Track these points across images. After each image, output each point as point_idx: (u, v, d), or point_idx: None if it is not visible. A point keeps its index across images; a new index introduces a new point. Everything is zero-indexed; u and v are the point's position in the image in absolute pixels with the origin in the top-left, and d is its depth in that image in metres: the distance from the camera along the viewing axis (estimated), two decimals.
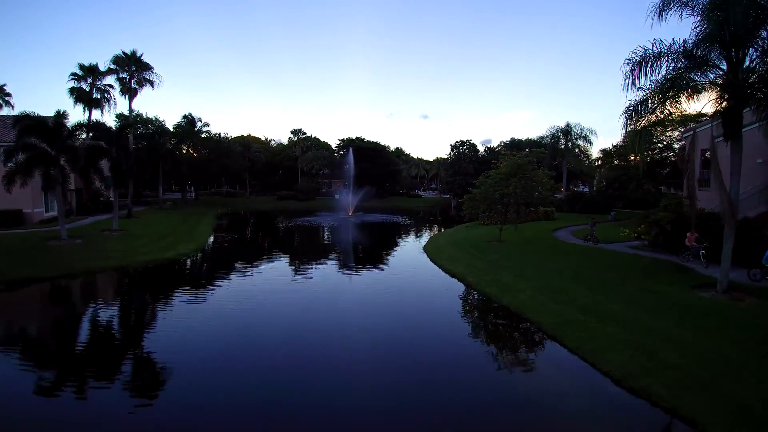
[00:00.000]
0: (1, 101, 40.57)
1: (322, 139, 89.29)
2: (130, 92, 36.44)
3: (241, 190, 79.60)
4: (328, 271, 21.86)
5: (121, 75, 35.87)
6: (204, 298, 15.88)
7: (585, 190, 71.02)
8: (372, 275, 20.59)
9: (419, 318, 13.74)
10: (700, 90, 12.32)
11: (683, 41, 12.68)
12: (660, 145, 38.60)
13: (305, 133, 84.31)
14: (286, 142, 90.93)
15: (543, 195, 23.54)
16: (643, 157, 15.14)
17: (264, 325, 12.94)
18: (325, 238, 35.66)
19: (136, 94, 36.71)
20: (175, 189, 66.32)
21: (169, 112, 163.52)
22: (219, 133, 70.82)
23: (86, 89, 37.64)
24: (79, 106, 37.33)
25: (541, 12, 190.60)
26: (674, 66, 12.85)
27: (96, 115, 38.44)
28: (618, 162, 43.28)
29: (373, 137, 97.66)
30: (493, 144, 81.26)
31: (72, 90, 37.15)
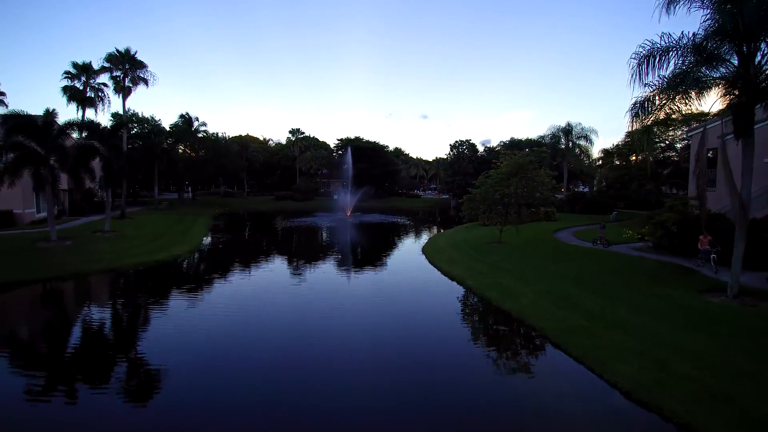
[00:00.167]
0: None
1: (320, 139, 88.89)
2: (123, 91, 35.73)
3: (239, 190, 79.08)
4: (323, 274, 21.19)
5: (114, 73, 35.21)
6: (196, 302, 15.32)
7: (585, 190, 70.62)
8: (367, 279, 19.81)
9: (416, 324, 13.07)
10: (710, 86, 11.79)
11: (693, 35, 12.17)
12: (662, 144, 38.17)
13: (303, 132, 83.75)
14: (284, 142, 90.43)
15: (544, 195, 22.92)
16: (650, 155, 14.48)
17: (254, 331, 12.37)
18: (321, 239, 35.08)
19: (129, 92, 36.05)
20: (173, 189, 65.82)
21: (168, 112, 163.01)
22: (217, 133, 70.62)
23: (80, 88, 37.05)
24: (73, 105, 36.79)
25: (541, 12, 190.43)
26: (682, 61, 12.36)
27: (90, 114, 37.89)
28: (620, 162, 42.76)
29: (373, 137, 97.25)
30: (492, 144, 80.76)
31: (65, 89, 36.50)
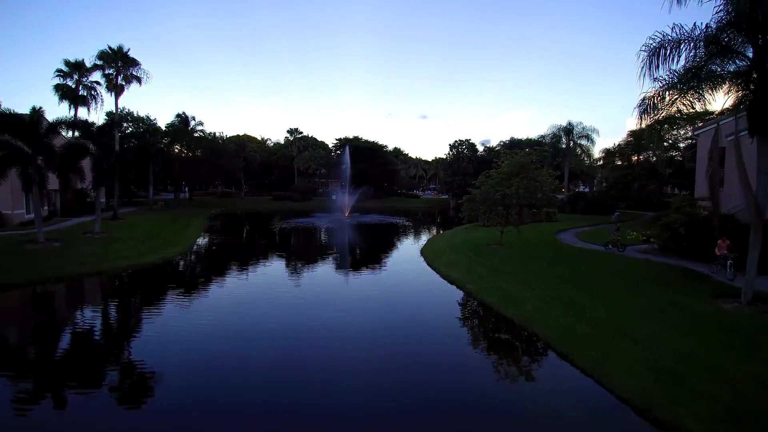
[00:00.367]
0: None
1: (319, 139, 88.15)
2: (116, 89, 34.98)
3: (237, 191, 78.37)
4: (316, 278, 20.19)
5: (107, 71, 34.47)
6: (186, 306, 14.68)
7: (585, 190, 70.03)
8: (361, 283, 18.92)
9: (412, 335, 12.26)
10: (725, 80, 11.13)
11: (705, 26, 11.52)
12: (665, 144, 37.52)
13: (302, 132, 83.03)
14: (282, 142, 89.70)
15: (547, 196, 22.21)
16: (662, 154, 13.80)
17: (246, 336, 11.68)
18: (317, 240, 34.30)
19: (122, 90, 35.29)
20: (170, 189, 65.17)
21: (166, 112, 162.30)
22: (214, 132, 69.89)
23: (72, 86, 36.27)
24: (65, 103, 35.99)
25: (540, 12, 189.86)
26: (694, 54, 11.70)
27: (83, 114, 37.16)
28: (622, 162, 42.11)
29: (372, 137, 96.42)
30: (492, 144, 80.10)
31: (57, 87, 35.71)
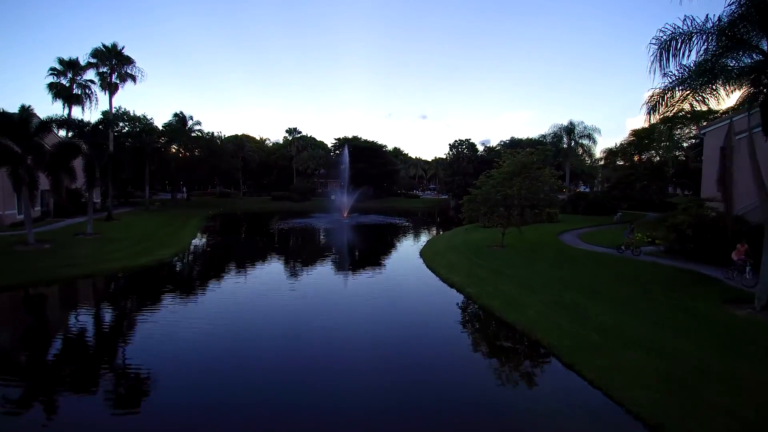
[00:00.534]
0: None
1: (318, 139, 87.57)
2: (110, 87, 34.45)
3: (236, 191, 77.83)
4: (312, 280, 19.50)
5: (101, 69, 33.97)
6: (178, 309, 14.16)
7: (586, 190, 69.52)
8: (359, 285, 18.36)
9: (409, 341, 11.66)
10: (741, 75, 10.59)
11: (718, 18, 10.99)
12: (668, 143, 36.97)
13: (301, 132, 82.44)
14: (281, 142, 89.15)
15: (549, 196, 21.62)
16: (671, 152, 13.25)
17: (240, 341, 11.14)
18: (314, 241, 33.69)
19: (117, 89, 34.80)
20: (168, 189, 64.68)
21: (165, 111, 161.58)
22: (212, 132, 69.41)
23: (66, 85, 35.75)
24: (59, 102, 35.48)
25: (541, 12, 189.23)
26: (705, 48, 11.18)
27: (77, 113, 36.60)
28: (624, 162, 41.57)
29: (372, 137, 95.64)
30: (492, 144, 79.54)
31: (51, 85, 35.20)
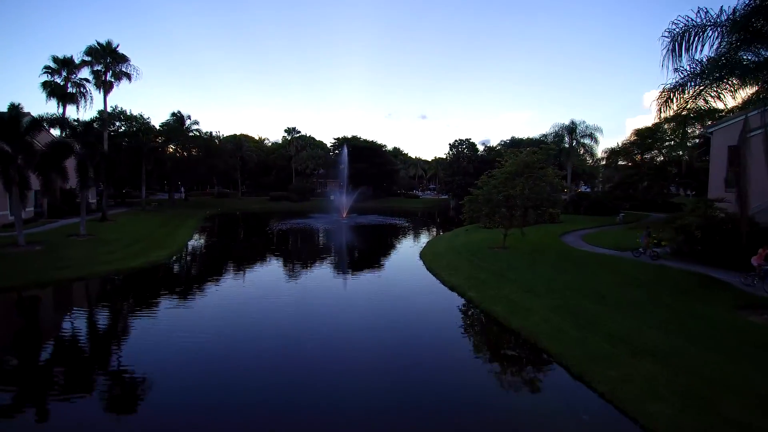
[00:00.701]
0: None
1: (317, 139, 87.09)
2: (105, 86, 33.82)
3: (234, 191, 77.33)
4: (307, 284, 18.75)
5: (95, 67, 33.36)
6: (173, 311, 13.73)
7: (587, 190, 69.03)
8: (356, 289, 17.79)
9: (408, 350, 11.03)
10: (755, 69, 10.07)
11: (733, 10, 10.47)
12: (671, 143, 36.49)
13: (300, 131, 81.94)
14: (280, 142, 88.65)
15: (553, 197, 21.03)
16: (684, 149, 12.72)
17: (232, 353, 10.62)
18: (312, 243, 33.01)
19: (111, 87, 34.13)
20: (166, 189, 64.15)
21: (164, 111, 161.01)
22: (210, 132, 68.91)
23: (61, 83, 35.18)
24: (53, 101, 34.89)
25: (540, 12, 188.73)
26: (720, 41, 10.67)
27: (72, 112, 36.02)
28: (626, 162, 41.07)
29: (371, 137, 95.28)
30: (492, 144, 79.02)
31: (45, 84, 34.62)
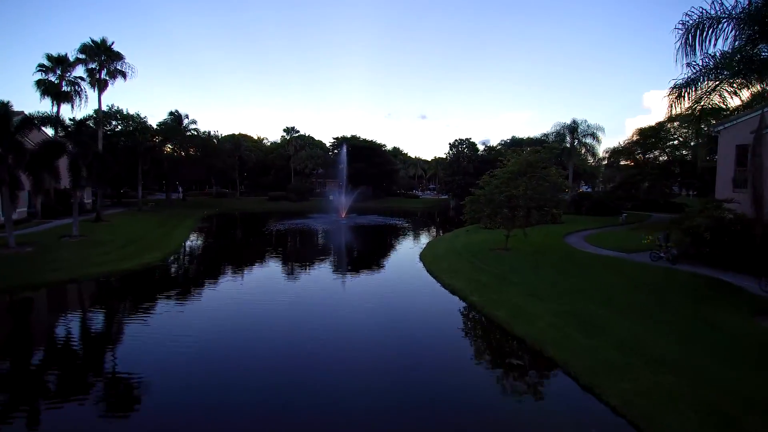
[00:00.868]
0: None
1: (317, 138, 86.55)
2: (99, 84, 33.26)
3: (233, 191, 76.85)
4: (302, 287, 18.09)
5: (90, 65, 32.84)
6: (161, 317, 13.10)
7: (588, 190, 68.60)
8: (353, 293, 17.21)
9: (407, 360, 10.42)
10: None
11: (749, 2, 9.98)
12: (675, 142, 36.03)
13: (299, 131, 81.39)
14: (279, 141, 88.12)
15: (557, 198, 20.50)
16: (703, 147, 12.24)
17: (223, 361, 10.11)
18: (309, 244, 32.35)
19: (106, 86, 33.60)
20: (165, 189, 63.66)
21: (162, 110, 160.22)
22: (209, 131, 68.37)
23: (55, 82, 34.60)
24: (47, 100, 34.27)
25: (540, 12, 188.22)
26: (735, 34, 10.17)
27: (67, 111, 35.45)
28: (630, 161, 40.61)
29: (371, 137, 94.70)
30: (492, 144, 78.59)
31: (39, 82, 34.02)
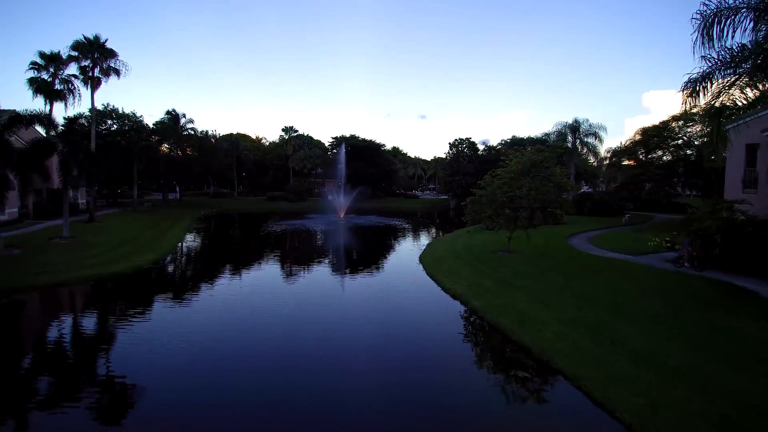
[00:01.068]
0: None
1: (316, 138, 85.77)
2: (92, 82, 32.49)
3: (231, 191, 76.24)
4: (295, 291, 17.30)
5: (82, 63, 32.15)
6: (153, 322, 12.48)
7: (589, 190, 68.04)
8: (350, 297, 16.62)
9: (403, 372, 9.79)
10: None
11: None
12: (678, 142, 35.40)
13: (297, 131, 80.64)
14: (277, 141, 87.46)
15: (562, 198, 19.86)
16: (723, 147, 11.63)
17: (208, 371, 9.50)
18: (307, 245, 31.49)
19: (99, 84, 32.82)
20: (162, 189, 63.02)
21: (161, 109, 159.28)
22: (206, 131, 67.78)
23: (48, 80, 33.89)
24: (40, 98, 33.54)
25: (539, 12, 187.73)
26: (753, 26, 9.60)
27: (60, 109, 34.72)
28: (631, 162, 40.07)
29: (370, 137, 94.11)
30: (491, 143, 77.95)
31: (32, 80, 33.32)
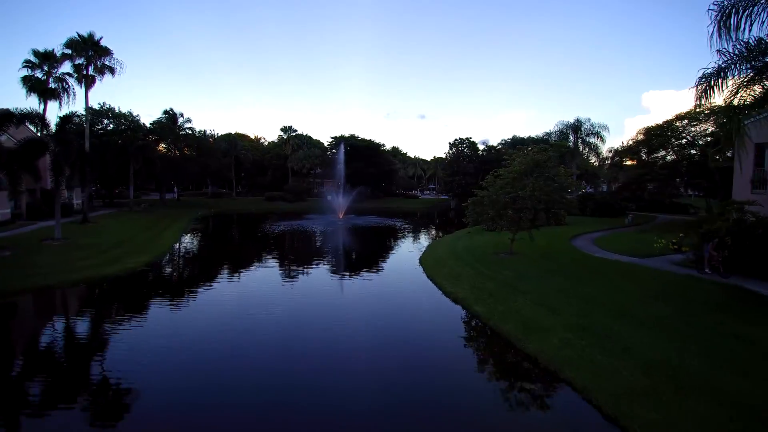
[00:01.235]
0: None
1: (315, 138, 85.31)
2: (86, 80, 31.96)
3: (229, 191, 75.75)
4: (293, 293, 16.89)
5: (76, 61, 31.62)
6: (147, 324, 11.96)
7: (590, 190, 67.60)
8: (350, 299, 16.19)
9: (403, 386, 9.21)
10: None
11: None
12: (682, 141, 34.90)
13: (296, 130, 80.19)
14: (276, 141, 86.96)
15: (567, 199, 19.35)
16: (743, 146, 11.13)
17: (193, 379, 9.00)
18: (305, 247, 30.85)
19: (94, 82, 32.27)
20: (160, 189, 62.51)
21: (159, 109, 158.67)
22: (205, 131, 67.29)
23: (42, 78, 33.35)
24: (34, 97, 32.97)
25: (539, 12, 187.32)
26: None
27: (54, 108, 34.16)
28: (637, 162, 39.57)
29: (370, 137, 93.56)
30: (491, 143, 77.53)
31: (25, 79, 32.77)
